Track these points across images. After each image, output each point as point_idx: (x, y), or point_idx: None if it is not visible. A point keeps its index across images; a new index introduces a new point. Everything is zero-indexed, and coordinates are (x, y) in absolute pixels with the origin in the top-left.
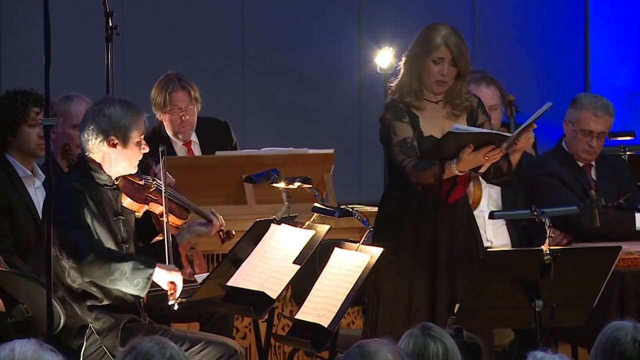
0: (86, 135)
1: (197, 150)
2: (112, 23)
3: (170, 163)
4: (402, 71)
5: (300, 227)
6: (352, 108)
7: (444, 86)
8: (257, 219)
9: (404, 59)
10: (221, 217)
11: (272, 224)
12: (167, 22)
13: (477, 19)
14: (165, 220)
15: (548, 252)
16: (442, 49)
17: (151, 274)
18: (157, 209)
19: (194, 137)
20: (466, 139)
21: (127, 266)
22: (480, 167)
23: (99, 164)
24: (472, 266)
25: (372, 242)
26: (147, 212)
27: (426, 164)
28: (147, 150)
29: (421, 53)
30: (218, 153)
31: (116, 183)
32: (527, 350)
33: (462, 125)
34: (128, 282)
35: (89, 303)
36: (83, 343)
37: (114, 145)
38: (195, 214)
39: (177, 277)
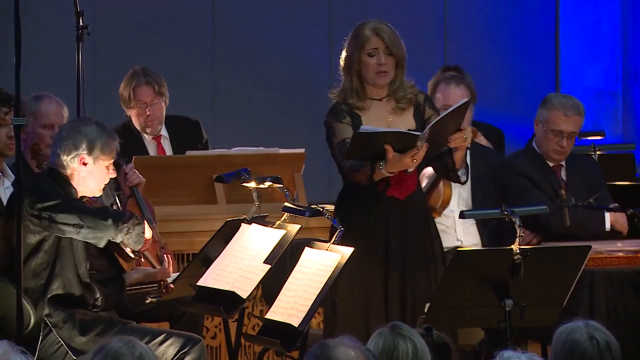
0: (59, 150)
1: (167, 145)
2: (82, 22)
3: (140, 163)
4: (342, 76)
5: (271, 226)
6: (322, 108)
7: (386, 76)
8: (228, 219)
9: (341, 63)
10: (170, 268)
11: (243, 224)
12: (138, 21)
13: (448, 18)
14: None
15: (518, 251)
16: (373, 39)
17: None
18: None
19: (164, 132)
20: (379, 138)
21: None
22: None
23: (69, 178)
24: (427, 265)
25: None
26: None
27: (359, 165)
28: (114, 175)
29: (355, 50)
30: (188, 152)
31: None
32: (496, 350)
33: (369, 127)
34: (131, 234)
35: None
36: (39, 337)
37: (85, 164)
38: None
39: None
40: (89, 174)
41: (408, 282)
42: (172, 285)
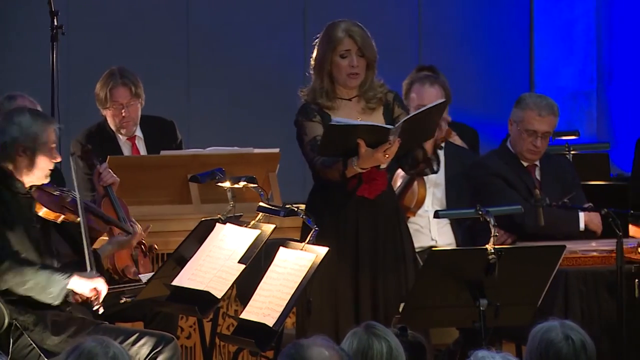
0: None
1: (141, 146)
2: (57, 22)
3: (114, 162)
4: (313, 76)
5: (246, 226)
6: (297, 108)
7: (357, 78)
8: (202, 219)
9: (312, 63)
10: (140, 228)
11: (217, 224)
12: (113, 21)
13: (423, 19)
14: (83, 230)
15: (492, 251)
16: (346, 41)
17: (66, 284)
18: (75, 219)
19: (138, 133)
20: (350, 132)
21: (42, 276)
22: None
23: (12, 171)
24: (397, 265)
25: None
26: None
27: (331, 161)
28: (58, 159)
29: (326, 51)
30: (163, 152)
31: (30, 192)
32: (471, 350)
33: (342, 118)
34: (43, 292)
35: (10, 299)
36: (10, 340)
37: (24, 153)
38: (115, 226)
39: (99, 283)
40: (31, 163)
41: (379, 281)
42: (156, 247)
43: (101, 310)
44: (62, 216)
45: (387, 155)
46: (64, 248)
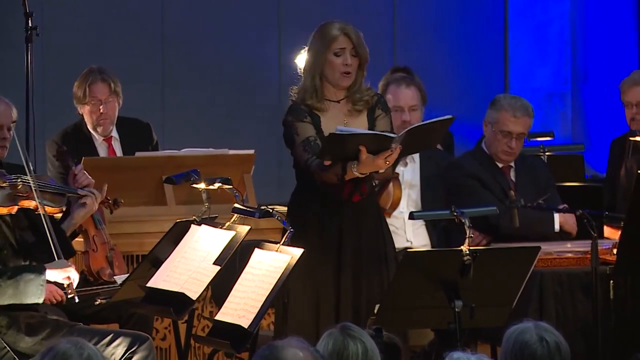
0: None
1: (117, 147)
2: (31, 23)
3: (89, 164)
4: (304, 75)
5: (221, 228)
6: (272, 109)
7: (349, 77)
8: (177, 220)
9: (304, 62)
10: (96, 190)
11: (192, 225)
12: (87, 22)
13: (397, 19)
14: (43, 217)
15: (468, 252)
16: (341, 38)
17: (42, 280)
18: (31, 204)
19: (114, 133)
20: (353, 140)
21: (16, 284)
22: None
23: None
24: (379, 267)
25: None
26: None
27: (329, 164)
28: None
29: (321, 49)
30: (138, 154)
31: None
32: (446, 351)
33: (345, 127)
34: (23, 297)
35: None
36: None
37: None
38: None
39: (71, 271)
40: None
41: (361, 283)
42: (121, 200)
43: (77, 299)
44: (16, 207)
45: (387, 162)
46: (29, 237)
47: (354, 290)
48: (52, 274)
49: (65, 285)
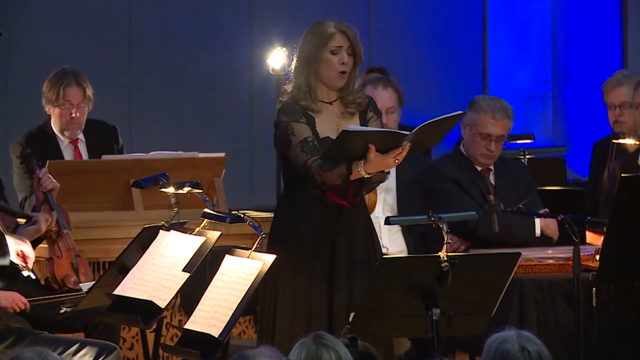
0: None
1: (83, 149)
2: None
3: (54, 167)
4: (295, 75)
5: (190, 233)
6: (243, 110)
7: (344, 77)
8: (145, 225)
9: (294, 63)
10: (47, 215)
11: (161, 231)
12: (52, 22)
13: (372, 16)
14: None
15: (445, 258)
16: (337, 36)
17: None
18: None
19: (80, 136)
20: (365, 138)
21: None
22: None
23: None
24: (370, 271)
25: (268, 249)
26: None
27: (332, 164)
28: None
29: (316, 47)
30: (104, 157)
31: None
32: None
33: (356, 126)
34: None
35: None
36: None
37: None
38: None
39: (25, 246)
40: None
41: (355, 288)
42: (65, 231)
43: (33, 276)
44: None
45: (397, 160)
46: None
47: (347, 298)
48: (9, 241)
49: (20, 265)
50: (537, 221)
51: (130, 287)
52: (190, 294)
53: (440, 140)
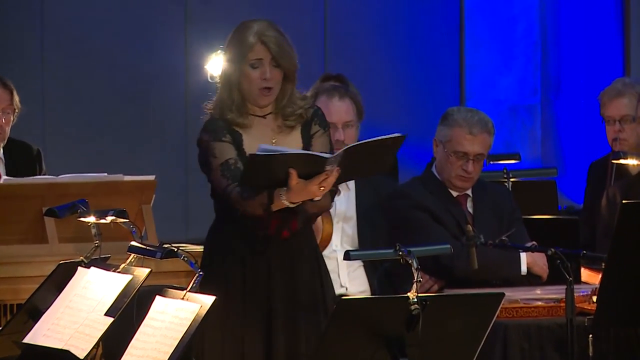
0: None
1: (1, 169)
2: None
3: None
4: (219, 84)
5: (114, 270)
6: (177, 125)
7: (270, 94)
8: (61, 261)
9: (220, 69)
10: None
11: (79, 267)
12: None
13: (329, 17)
14: None
15: (415, 300)
16: (257, 47)
17: None
18: None
19: (0, 153)
20: (280, 161)
21: None
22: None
23: None
24: (318, 318)
25: (201, 289)
26: None
27: (253, 192)
28: None
29: (236, 58)
30: (6, 179)
31: None
32: None
33: (269, 145)
34: None
35: None
36: None
37: None
38: None
39: None
40: None
41: (297, 337)
42: None
43: None
44: None
45: (322, 188)
46: None
47: (287, 347)
48: None
49: None
50: (523, 256)
51: (43, 334)
52: (114, 342)
53: (386, 166)
